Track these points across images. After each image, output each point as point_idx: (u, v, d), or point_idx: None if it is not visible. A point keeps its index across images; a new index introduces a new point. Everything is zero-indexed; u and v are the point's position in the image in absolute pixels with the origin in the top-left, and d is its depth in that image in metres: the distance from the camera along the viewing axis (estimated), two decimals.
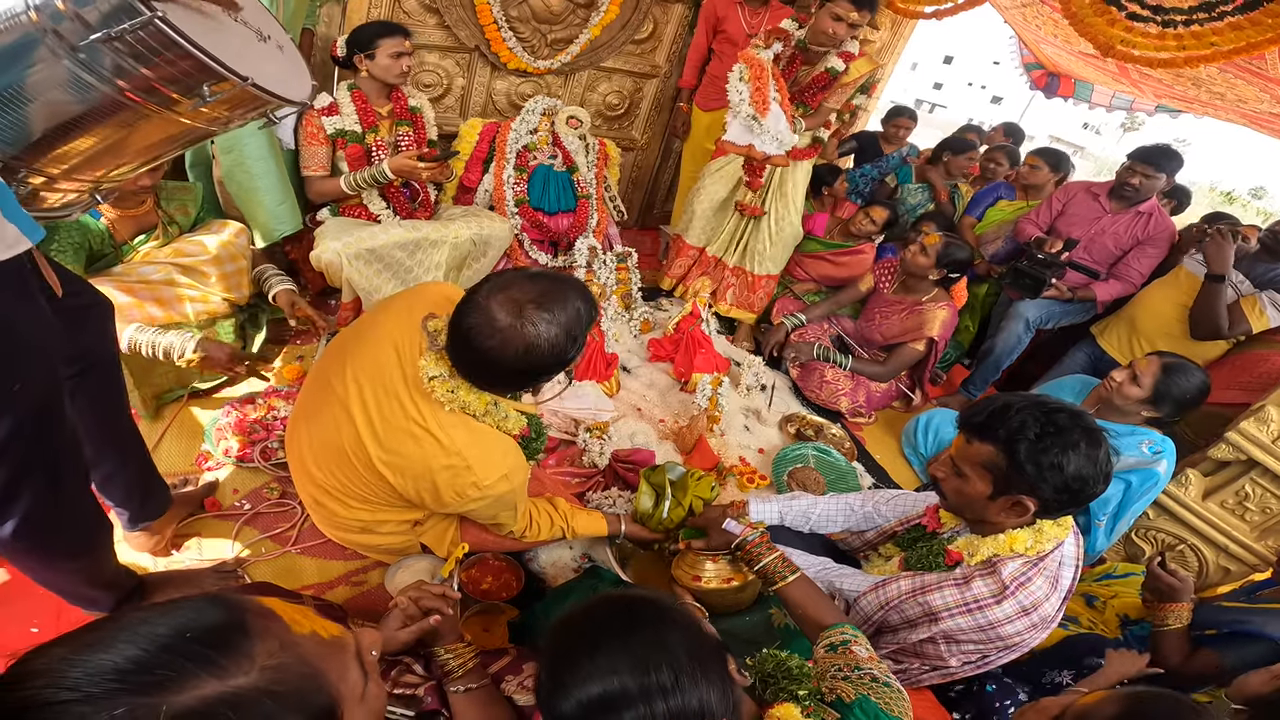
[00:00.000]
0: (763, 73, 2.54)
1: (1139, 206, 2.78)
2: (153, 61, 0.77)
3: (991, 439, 1.20)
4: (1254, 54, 2.25)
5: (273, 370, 2.10)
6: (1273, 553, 2.09)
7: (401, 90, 2.42)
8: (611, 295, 2.89)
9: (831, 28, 2.47)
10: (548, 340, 1.11)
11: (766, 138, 2.63)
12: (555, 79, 3.30)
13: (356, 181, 2.27)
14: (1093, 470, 1.15)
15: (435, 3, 2.78)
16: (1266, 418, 1.97)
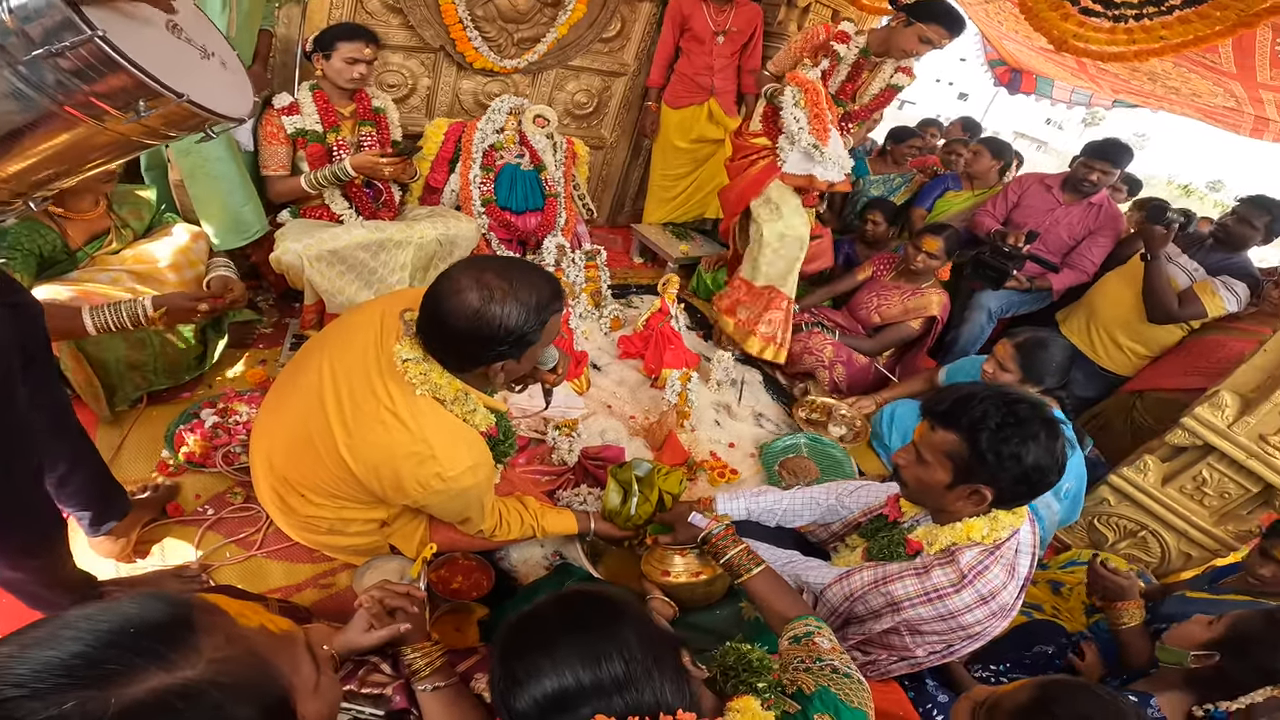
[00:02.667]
0: (818, 96, 2.43)
1: (1090, 198, 2.90)
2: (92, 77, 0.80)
3: (954, 427, 1.22)
4: (1202, 47, 2.32)
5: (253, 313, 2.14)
6: (1232, 537, 2.14)
7: (365, 91, 2.41)
8: (581, 293, 2.89)
9: (916, 49, 2.39)
10: (510, 310, 1.14)
11: (829, 164, 2.51)
12: (522, 78, 3.29)
13: (318, 180, 2.25)
14: (1050, 461, 1.18)
15: (399, 3, 2.76)
16: (1221, 403, 2.03)
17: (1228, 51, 2.67)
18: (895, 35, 2.40)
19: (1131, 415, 2.60)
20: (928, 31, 2.30)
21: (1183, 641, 1.36)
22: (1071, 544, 2.37)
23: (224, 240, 2.09)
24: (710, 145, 3.54)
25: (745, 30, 3.31)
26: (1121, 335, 2.70)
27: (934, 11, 2.28)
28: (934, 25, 2.28)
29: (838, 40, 2.50)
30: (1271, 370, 1.97)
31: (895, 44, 2.42)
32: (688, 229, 3.81)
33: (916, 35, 2.32)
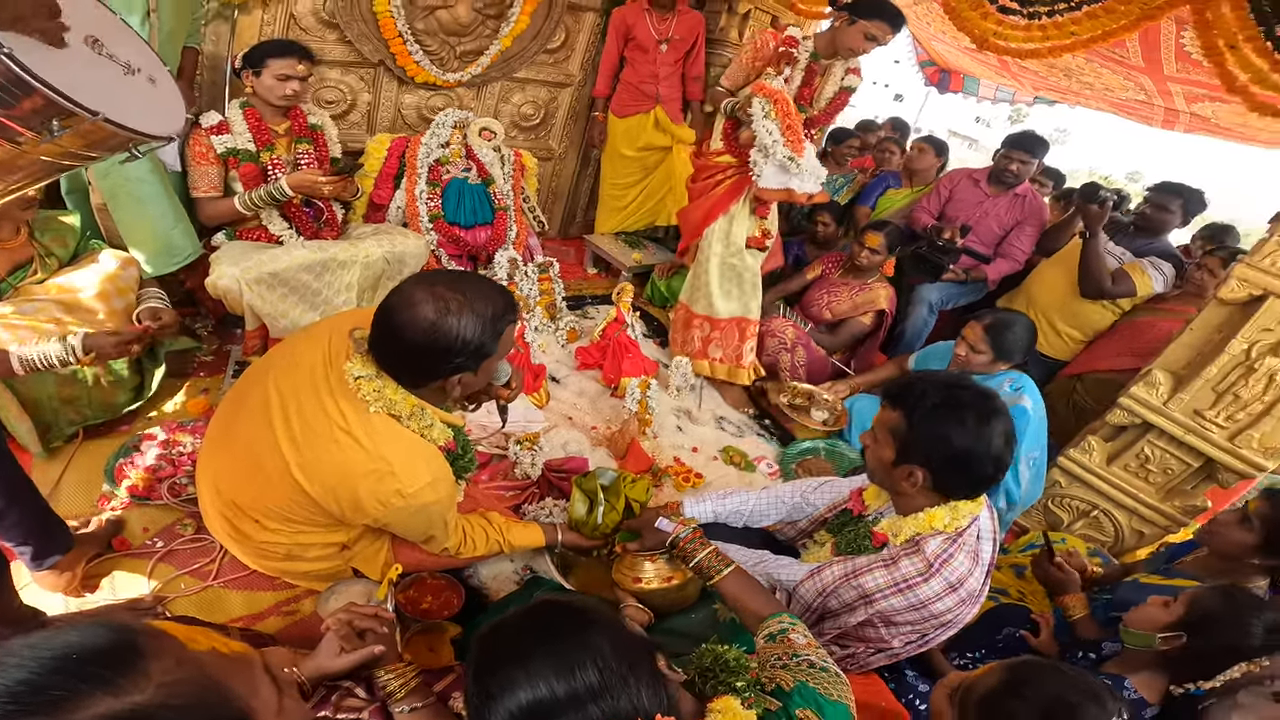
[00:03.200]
0: (788, 106, 2.39)
1: (1015, 190, 3.09)
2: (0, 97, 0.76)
3: (900, 405, 1.29)
4: (1111, 41, 2.51)
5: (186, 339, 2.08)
6: (1180, 512, 2.23)
7: (300, 107, 2.35)
8: (536, 306, 2.88)
9: (862, 46, 2.40)
10: (466, 321, 1.14)
11: (805, 176, 2.46)
12: (467, 91, 3.27)
13: (253, 200, 2.17)
14: (977, 446, 1.22)
15: (334, 18, 2.70)
16: (1154, 381, 2.15)
17: (1135, 46, 2.89)
18: (840, 35, 2.43)
19: (1073, 398, 2.74)
20: (871, 28, 2.34)
21: (1144, 624, 1.38)
22: (1030, 527, 2.47)
23: (154, 266, 2.01)
24: (658, 152, 3.59)
25: (688, 38, 3.38)
26: (1059, 321, 2.86)
27: (874, 7, 2.33)
28: (876, 21, 2.32)
29: (787, 45, 2.51)
30: (1199, 347, 2.10)
31: (842, 44, 2.44)
32: (640, 237, 3.84)
33: (861, 33, 2.35)
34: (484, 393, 1.39)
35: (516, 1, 3.08)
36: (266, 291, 2.09)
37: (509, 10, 3.10)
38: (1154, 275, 2.64)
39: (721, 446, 2.47)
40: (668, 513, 1.52)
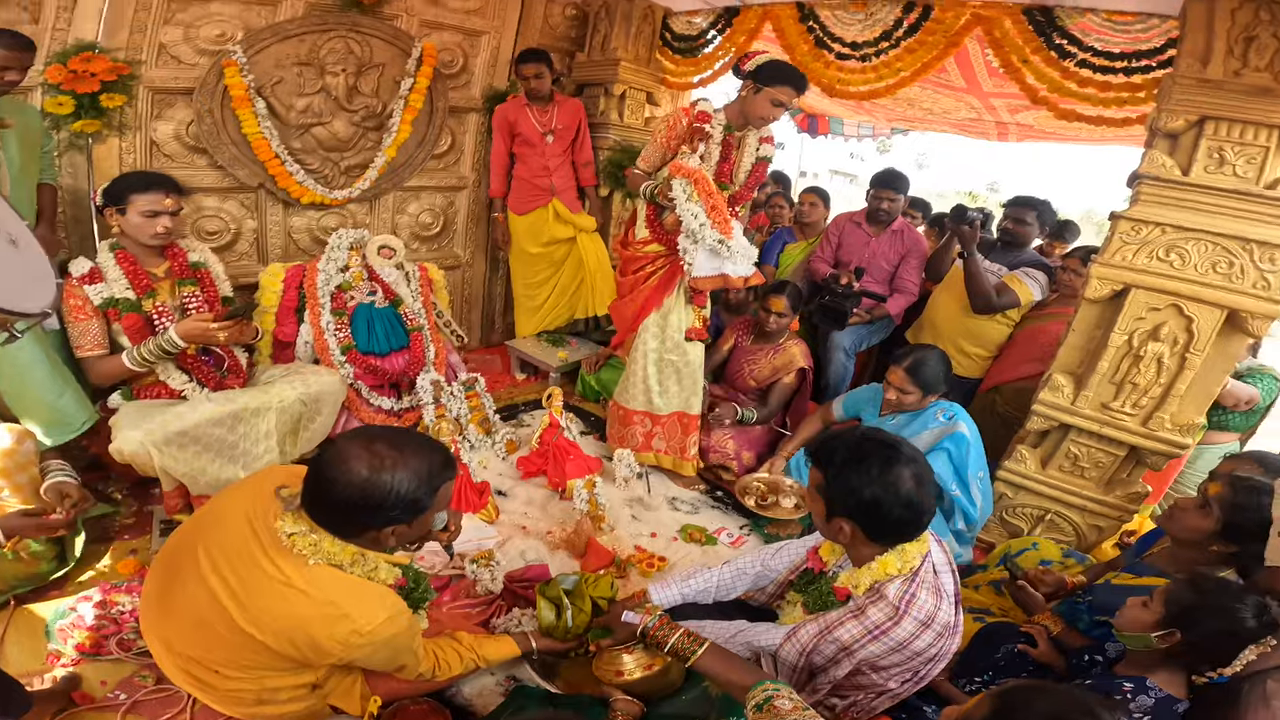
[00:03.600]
0: (709, 185, 2.37)
1: (892, 226, 3.39)
2: None
3: (818, 463, 1.39)
4: (933, 69, 2.92)
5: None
6: (1125, 501, 2.38)
7: (177, 244, 2.25)
8: (468, 424, 2.87)
9: (771, 113, 2.44)
10: (401, 477, 1.20)
11: (737, 258, 2.41)
12: (359, 207, 3.31)
13: (142, 356, 2.02)
14: (884, 494, 1.29)
15: (201, 143, 2.69)
16: (1057, 385, 2.36)
17: (955, 70, 3.38)
18: (749, 105, 2.46)
19: (996, 410, 2.96)
20: (778, 94, 2.39)
21: (1133, 626, 1.43)
22: (994, 541, 2.58)
23: (50, 437, 1.93)
24: (564, 245, 3.68)
25: (571, 126, 3.56)
26: (962, 342, 3.12)
27: (778, 74, 2.39)
28: (781, 86, 2.38)
29: (700, 120, 2.50)
30: (1086, 346, 2.34)
31: (752, 113, 2.47)
32: (563, 334, 3.90)
33: (769, 100, 2.40)
34: (424, 537, 1.41)
35: (395, 111, 3.21)
36: (177, 451, 1.99)
37: (389, 121, 3.21)
38: (1031, 284, 2.95)
39: (679, 527, 2.50)
40: (633, 604, 1.58)
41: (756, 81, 2.41)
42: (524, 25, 3.60)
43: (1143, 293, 2.14)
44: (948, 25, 2.75)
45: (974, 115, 4.52)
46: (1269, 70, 1.96)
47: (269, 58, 2.82)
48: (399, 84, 3.19)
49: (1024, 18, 2.59)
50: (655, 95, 3.96)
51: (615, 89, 3.73)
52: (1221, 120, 2.03)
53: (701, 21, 3.68)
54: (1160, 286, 2.12)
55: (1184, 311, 2.08)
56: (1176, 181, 2.08)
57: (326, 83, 3.00)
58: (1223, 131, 2.04)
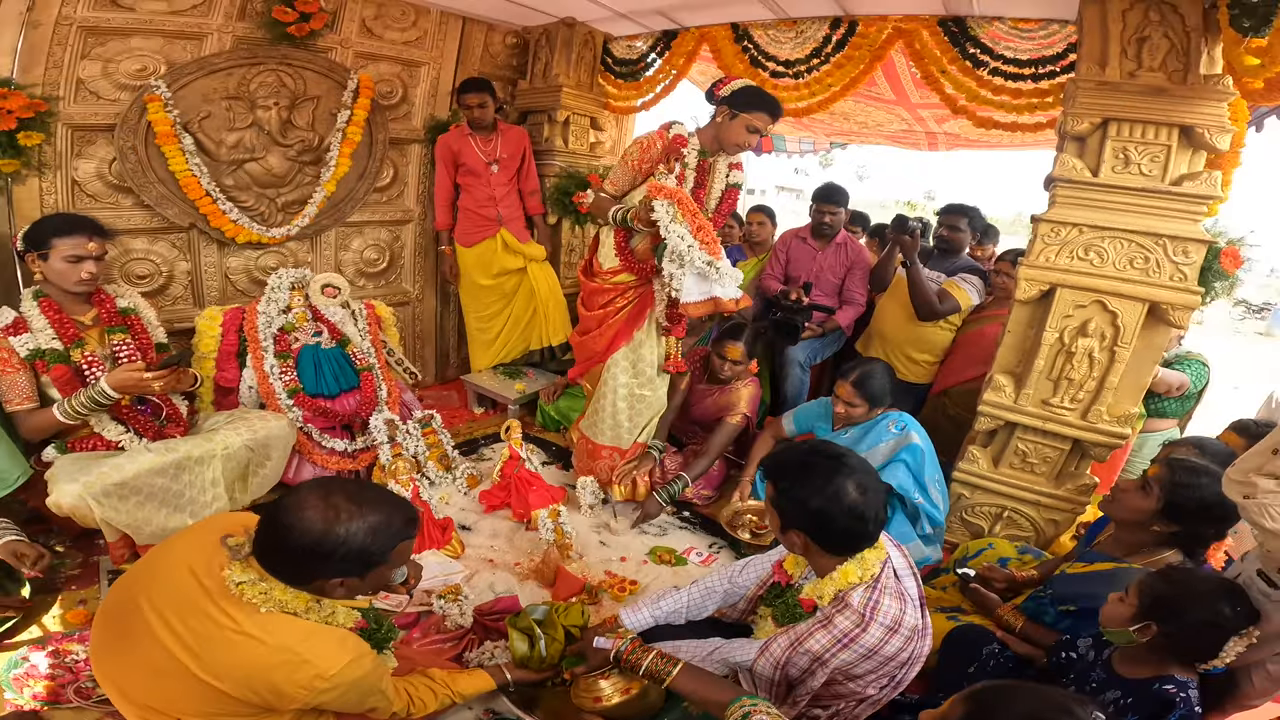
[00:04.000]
0: (692, 204, 2.31)
1: (835, 240, 3.55)
2: None
3: (769, 478, 1.48)
4: (862, 83, 3.10)
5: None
6: (1076, 493, 2.49)
7: (104, 290, 2.21)
8: (427, 461, 2.86)
9: (746, 140, 2.44)
10: (357, 529, 1.22)
11: (725, 280, 2.31)
12: (299, 245, 3.26)
13: (74, 409, 1.99)
14: (829, 505, 1.36)
15: (125, 181, 2.64)
16: (999, 385, 2.49)
17: (884, 84, 3.61)
18: (723, 131, 2.45)
19: (947, 413, 3.13)
20: (754, 120, 2.38)
21: (1113, 622, 1.47)
22: (959, 541, 2.69)
23: None
24: (514, 276, 3.71)
25: (515, 154, 3.61)
26: (910, 349, 3.29)
27: (755, 100, 2.39)
28: (757, 113, 2.38)
29: (676, 145, 2.47)
30: (1021, 347, 2.50)
31: (726, 139, 2.46)
32: (518, 366, 3.92)
33: (744, 126, 2.39)
34: (381, 588, 1.42)
35: (332, 144, 3.21)
36: (118, 503, 1.96)
37: (326, 155, 3.20)
38: (969, 289, 3.15)
39: (648, 549, 2.54)
40: (605, 630, 1.63)
41: (732, 107, 2.41)
42: (464, 54, 3.66)
43: (1068, 291, 2.30)
44: (872, 39, 2.95)
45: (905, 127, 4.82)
46: (1162, 70, 2.13)
47: (195, 92, 2.80)
48: (335, 116, 3.20)
49: (940, 29, 2.80)
50: (599, 120, 4.06)
51: (559, 115, 3.81)
52: (1123, 121, 2.19)
53: (642, 45, 3.82)
54: (1083, 284, 2.27)
55: (1108, 307, 2.25)
56: (1087, 183, 2.25)
57: (258, 117, 2.99)
58: (1125, 132, 2.20)
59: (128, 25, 2.59)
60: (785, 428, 2.88)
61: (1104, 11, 2.18)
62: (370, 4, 3.23)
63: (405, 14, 3.35)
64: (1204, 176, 2.15)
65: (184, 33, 2.75)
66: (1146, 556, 1.78)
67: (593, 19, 3.64)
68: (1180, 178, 2.18)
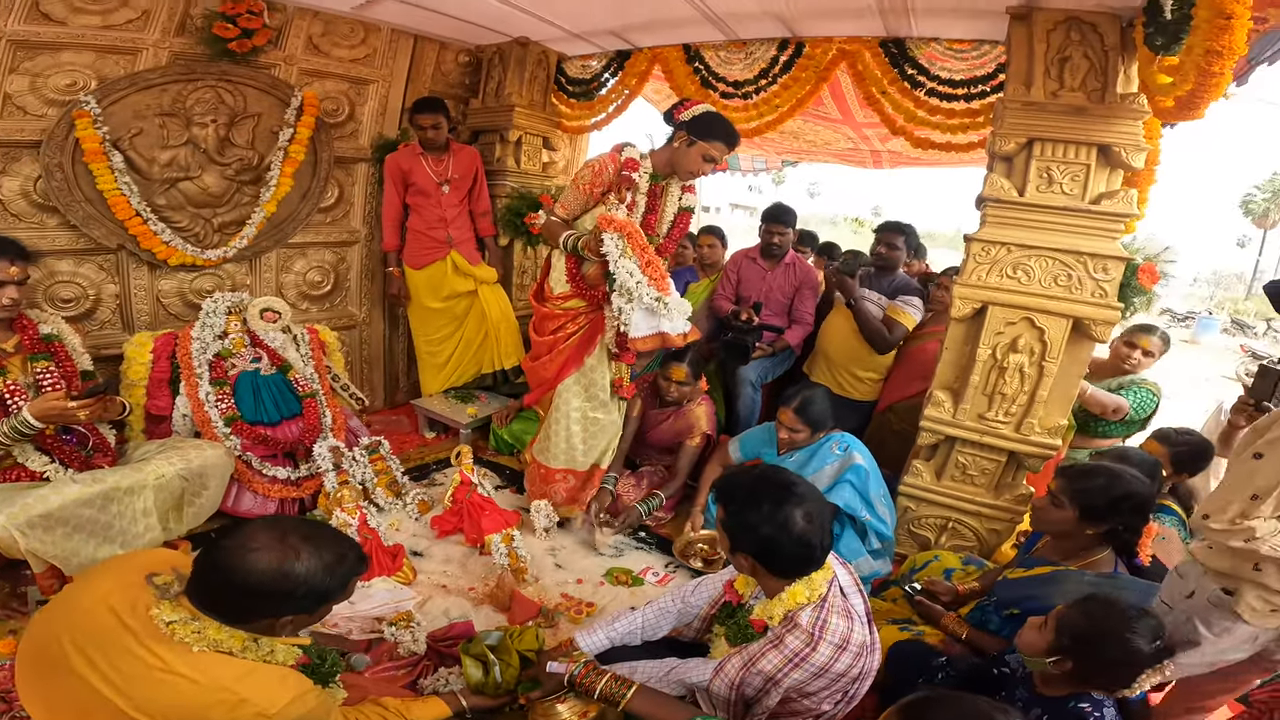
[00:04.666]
0: (642, 238, 2.35)
1: (784, 260, 3.70)
2: None
3: (720, 502, 1.57)
4: (809, 103, 3.27)
5: None
6: (1014, 503, 2.66)
7: (26, 315, 2.20)
8: (375, 488, 2.87)
9: (701, 167, 2.52)
10: (313, 566, 1.25)
11: (674, 314, 2.39)
12: (236, 267, 3.21)
13: None
14: (778, 533, 1.45)
15: (52, 201, 2.61)
16: (938, 400, 2.65)
17: (831, 103, 3.82)
18: (679, 157, 2.52)
19: (893, 428, 3.30)
20: (710, 149, 2.47)
21: (1029, 650, 1.53)
22: (907, 553, 2.83)
23: None
24: (465, 299, 3.72)
25: (467, 174, 3.65)
26: (855, 368, 3.47)
27: (711, 128, 2.47)
28: (715, 142, 2.46)
29: (628, 169, 2.51)
30: (958, 363, 2.68)
31: (681, 166, 2.53)
32: (470, 390, 3.92)
33: (701, 155, 2.47)
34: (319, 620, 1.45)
35: (274, 163, 3.19)
36: (44, 535, 1.94)
37: (267, 174, 3.19)
38: (911, 311, 3.35)
39: (604, 570, 2.60)
40: (560, 654, 1.70)
41: (691, 133, 2.47)
42: (415, 72, 3.71)
43: (999, 309, 2.47)
44: (818, 60, 3.14)
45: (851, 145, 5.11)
46: (1082, 89, 2.30)
47: (126, 108, 2.79)
48: (277, 134, 3.20)
49: (880, 50, 3.00)
50: (552, 140, 4.15)
51: (511, 135, 3.88)
52: (1047, 141, 2.35)
53: (596, 65, 3.94)
54: (1012, 302, 2.45)
55: (1035, 323, 2.43)
56: (1014, 202, 2.42)
57: (194, 134, 2.98)
58: (1049, 152, 2.37)
59: (59, 40, 2.58)
60: (732, 454, 3.00)
61: (1030, 32, 2.34)
62: (318, 21, 3.25)
63: (354, 31, 3.39)
64: (1121, 195, 2.32)
65: (118, 48, 2.74)
66: (1083, 559, 1.92)
67: (546, 39, 3.74)
68: (1099, 196, 2.35)
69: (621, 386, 2.75)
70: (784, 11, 2.89)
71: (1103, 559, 1.88)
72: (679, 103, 2.57)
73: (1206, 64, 1.59)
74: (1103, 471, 1.86)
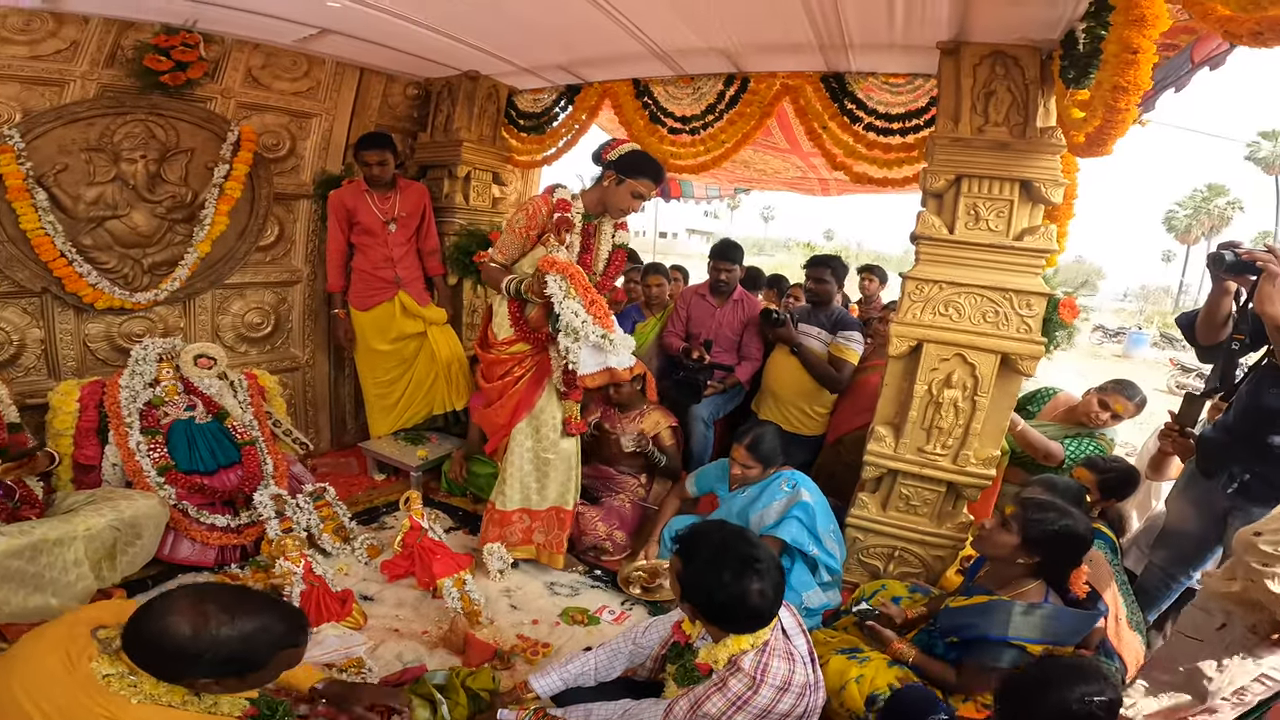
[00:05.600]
0: (583, 277, 2.46)
1: (733, 296, 3.87)
2: None
3: (681, 554, 1.67)
4: (752, 139, 3.46)
5: None
6: (955, 531, 2.84)
7: None
8: (322, 534, 2.90)
9: (631, 204, 2.64)
10: (223, 636, 1.31)
11: (619, 350, 2.49)
12: (168, 310, 3.18)
13: None
14: (731, 603, 1.55)
15: None
16: (880, 435, 2.83)
17: (779, 134, 4.04)
18: (609, 195, 2.63)
19: (844, 460, 3.49)
20: (639, 186, 2.58)
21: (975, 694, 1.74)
22: (857, 581, 2.99)
23: None
24: (414, 340, 3.72)
25: (415, 212, 3.67)
26: (803, 404, 3.66)
27: (639, 166, 2.58)
28: (643, 179, 2.58)
29: (560, 209, 2.62)
30: (897, 399, 2.87)
31: (612, 204, 2.65)
32: (421, 431, 3.92)
33: (629, 192, 2.59)
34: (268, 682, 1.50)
35: (208, 200, 3.17)
36: None
37: (201, 212, 3.16)
38: (854, 346, 3.58)
39: (560, 610, 2.69)
40: (513, 697, 1.80)
41: (619, 172, 2.60)
42: (361, 105, 3.74)
43: (933, 346, 2.65)
44: (762, 96, 3.33)
45: (800, 173, 5.40)
46: (1005, 124, 2.46)
47: (51, 143, 2.78)
48: (212, 170, 3.19)
49: (821, 85, 3.21)
50: (502, 175, 4.22)
51: (460, 170, 3.93)
52: (973, 177, 2.48)
53: (547, 98, 4.05)
54: (945, 339, 2.63)
55: (967, 359, 2.64)
56: (945, 240, 2.59)
57: (122, 170, 2.96)
58: (975, 188, 2.50)
59: None
60: (689, 488, 3.15)
61: (958, 67, 2.50)
62: (259, 53, 3.27)
63: (297, 63, 3.42)
64: (1042, 230, 2.49)
65: (44, 79, 2.74)
66: (1015, 589, 2.05)
67: (496, 73, 3.83)
68: (1022, 232, 2.51)
69: (571, 424, 2.84)
70: (729, 47, 3.06)
71: (1032, 590, 2.01)
72: (606, 142, 2.70)
73: (1114, 99, 1.68)
74: (1057, 509, 2.01)
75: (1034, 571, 2.01)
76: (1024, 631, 1.90)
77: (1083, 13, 2.04)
